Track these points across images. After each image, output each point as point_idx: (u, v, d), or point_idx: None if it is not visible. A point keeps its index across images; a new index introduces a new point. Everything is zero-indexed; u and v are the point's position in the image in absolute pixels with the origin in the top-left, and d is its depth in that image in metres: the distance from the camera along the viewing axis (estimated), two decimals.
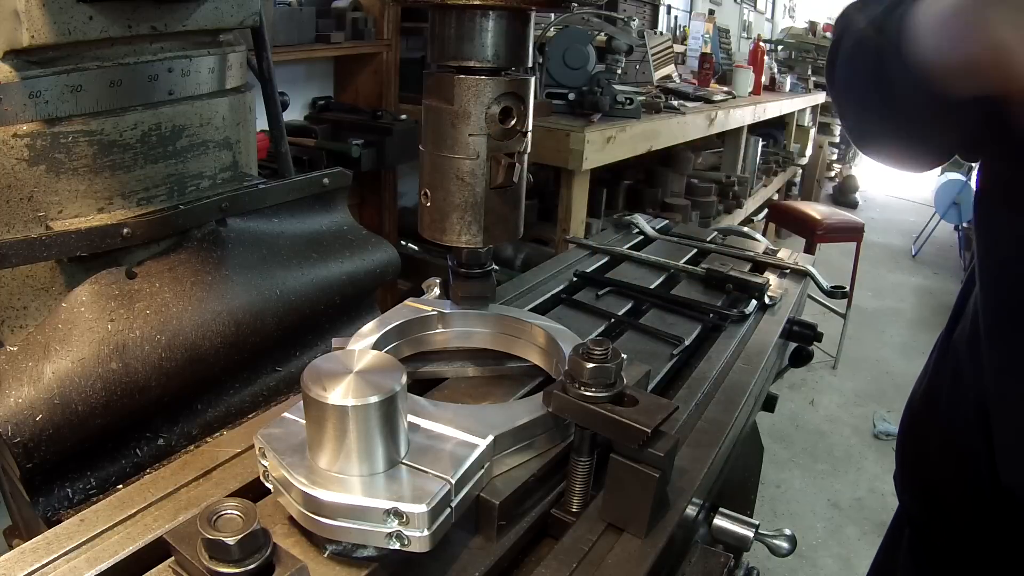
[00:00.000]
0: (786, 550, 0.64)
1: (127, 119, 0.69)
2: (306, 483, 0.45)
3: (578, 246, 1.22)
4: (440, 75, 0.53)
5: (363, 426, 0.45)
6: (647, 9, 4.94)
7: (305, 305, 0.80)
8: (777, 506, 2.96)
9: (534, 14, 0.55)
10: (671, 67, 4.26)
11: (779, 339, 0.95)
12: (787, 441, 3.42)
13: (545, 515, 0.55)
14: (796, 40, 6.25)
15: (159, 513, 0.52)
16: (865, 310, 4.90)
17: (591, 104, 2.85)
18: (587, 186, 2.73)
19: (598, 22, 3.09)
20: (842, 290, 1.12)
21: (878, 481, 3.16)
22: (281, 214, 0.84)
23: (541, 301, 0.96)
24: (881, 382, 4.06)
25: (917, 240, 6.49)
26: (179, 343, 0.67)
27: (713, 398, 0.74)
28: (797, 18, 9.80)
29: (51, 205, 0.67)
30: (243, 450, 0.60)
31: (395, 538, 0.44)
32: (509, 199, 0.57)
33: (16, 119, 0.62)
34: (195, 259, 0.73)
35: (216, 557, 0.39)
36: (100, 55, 0.67)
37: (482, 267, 0.71)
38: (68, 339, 0.62)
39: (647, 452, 0.49)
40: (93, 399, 0.61)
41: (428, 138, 0.55)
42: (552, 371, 0.68)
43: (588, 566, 0.49)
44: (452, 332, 0.73)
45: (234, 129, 0.82)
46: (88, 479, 0.63)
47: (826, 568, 2.65)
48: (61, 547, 0.48)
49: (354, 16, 2.90)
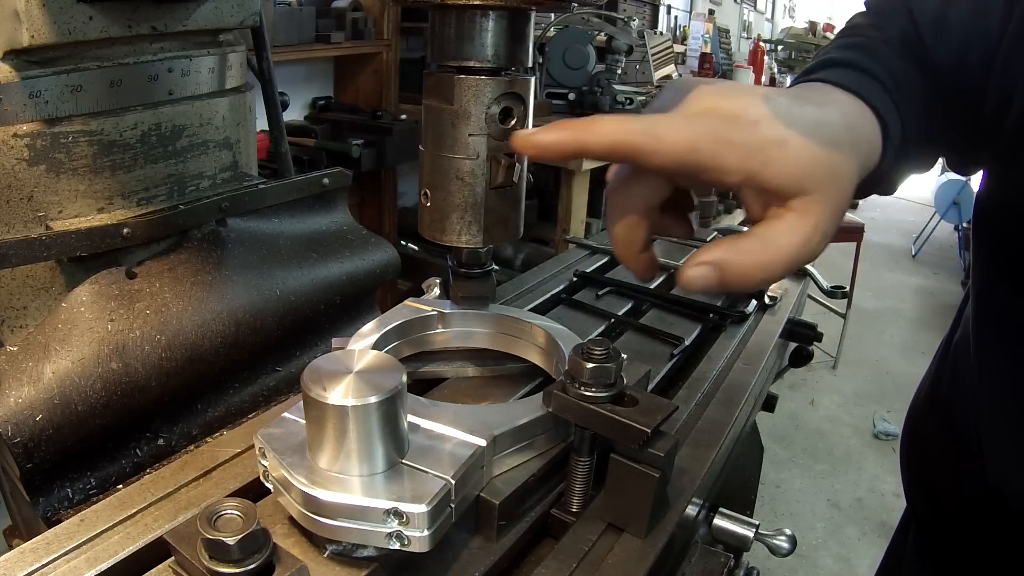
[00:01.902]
0: (786, 550, 0.64)
1: (127, 119, 0.69)
2: (306, 483, 0.45)
3: (578, 246, 1.22)
4: (440, 75, 0.53)
5: (363, 426, 0.45)
6: (647, 9, 4.94)
7: (305, 305, 0.80)
8: (777, 506, 2.96)
9: (534, 14, 0.55)
10: (671, 67, 4.26)
11: (779, 339, 0.95)
12: (787, 441, 3.42)
13: (545, 515, 0.55)
14: (796, 40, 6.25)
15: (159, 513, 0.52)
16: (865, 310, 4.90)
17: (591, 104, 2.85)
18: (587, 186, 2.73)
19: (598, 22, 3.09)
20: (842, 290, 1.12)
21: (878, 481, 3.16)
22: (281, 214, 0.84)
23: (541, 301, 0.96)
24: (881, 382, 4.06)
25: (917, 240, 6.49)
26: (179, 343, 0.67)
27: (713, 398, 0.74)
28: (797, 18, 9.80)
29: (51, 205, 0.67)
30: (243, 450, 0.60)
31: (395, 538, 0.44)
32: (509, 199, 0.57)
33: (16, 119, 0.62)
34: (195, 259, 0.73)
35: (216, 557, 0.39)
36: (100, 55, 0.67)
37: (482, 267, 0.71)
38: (68, 339, 0.62)
39: (647, 452, 0.49)
40: (93, 399, 0.61)
41: (428, 138, 0.55)
42: (552, 371, 0.68)
43: (588, 566, 0.49)
44: (452, 332, 0.73)
45: (234, 129, 0.82)
46: (88, 479, 0.63)
47: (826, 568, 2.65)
48: (61, 547, 0.48)
49: (354, 16, 2.90)
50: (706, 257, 0.46)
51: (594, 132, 0.45)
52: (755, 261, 0.46)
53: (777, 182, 0.45)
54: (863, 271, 4.42)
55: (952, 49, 0.60)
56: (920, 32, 0.62)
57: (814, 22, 6.72)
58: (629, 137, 0.44)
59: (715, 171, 0.44)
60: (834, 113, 0.51)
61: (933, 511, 0.81)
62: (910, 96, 0.59)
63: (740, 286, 0.46)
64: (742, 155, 0.44)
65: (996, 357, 0.68)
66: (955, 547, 0.77)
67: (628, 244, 0.51)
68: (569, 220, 2.69)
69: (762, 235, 0.46)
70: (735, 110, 0.46)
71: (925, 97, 0.61)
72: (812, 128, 0.46)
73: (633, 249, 0.51)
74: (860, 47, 0.62)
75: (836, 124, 0.49)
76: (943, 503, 0.78)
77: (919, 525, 0.86)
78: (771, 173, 0.44)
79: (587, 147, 0.46)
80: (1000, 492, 0.66)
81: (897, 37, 0.63)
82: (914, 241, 6.54)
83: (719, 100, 0.47)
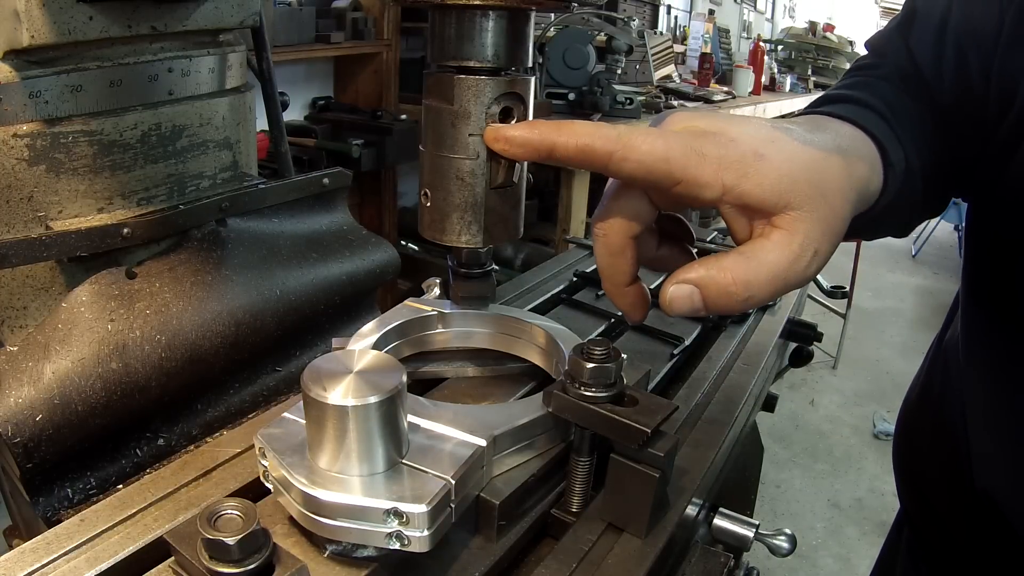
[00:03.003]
0: (786, 550, 0.64)
1: (127, 119, 0.69)
2: (306, 483, 0.45)
3: (578, 246, 1.22)
4: (440, 75, 0.53)
5: (363, 426, 0.45)
6: (647, 9, 4.94)
7: (305, 305, 0.80)
8: (777, 506, 2.96)
9: (534, 14, 0.55)
10: (671, 67, 4.27)
11: (779, 339, 0.95)
12: (787, 441, 3.42)
13: (545, 515, 0.55)
14: (796, 40, 6.25)
15: (159, 513, 0.52)
16: (865, 310, 4.90)
17: (591, 104, 2.85)
18: (587, 186, 2.73)
19: (598, 22, 3.09)
20: (842, 290, 1.13)
21: (878, 481, 3.16)
22: (281, 214, 0.84)
23: (541, 301, 0.96)
24: (881, 382, 4.06)
25: (917, 240, 6.49)
26: (179, 343, 0.67)
27: (713, 398, 0.74)
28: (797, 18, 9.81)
29: (51, 205, 0.67)
30: (243, 450, 0.60)
31: (395, 538, 0.44)
32: (509, 199, 0.57)
33: (16, 119, 0.62)
34: (195, 259, 0.73)
35: (216, 557, 0.39)
36: (100, 55, 0.67)
37: (482, 267, 0.71)
38: (68, 339, 0.62)
39: (647, 452, 0.49)
40: (93, 399, 0.61)
41: (428, 138, 0.55)
42: (552, 371, 0.68)
43: (588, 566, 0.49)
44: (452, 332, 0.73)
45: (234, 129, 0.82)
46: (88, 479, 0.63)
47: (826, 568, 2.65)
48: (61, 547, 0.48)
49: (354, 16, 2.90)
50: (687, 275, 0.45)
51: (565, 133, 0.45)
52: (737, 278, 0.43)
53: (758, 194, 0.43)
54: (863, 271, 4.43)
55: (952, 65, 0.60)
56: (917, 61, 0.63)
57: (814, 22, 6.71)
58: (600, 142, 0.43)
59: (688, 183, 0.43)
60: (828, 136, 0.49)
61: (924, 510, 0.81)
62: (911, 128, 0.58)
63: (723, 306, 0.44)
64: (716, 167, 0.43)
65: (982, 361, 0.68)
66: (946, 547, 0.78)
67: (613, 275, 0.50)
68: (569, 220, 2.69)
69: (745, 251, 0.44)
70: (713, 128, 0.45)
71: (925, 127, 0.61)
72: (797, 146, 0.45)
73: (619, 281, 0.50)
74: (858, 85, 0.63)
75: (827, 143, 0.47)
76: (933, 502, 0.78)
77: (911, 526, 0.87)
78: (749, 186, 0.42)
79: (557, 147, 0.45)
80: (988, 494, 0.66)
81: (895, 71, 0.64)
82: (914, 241, 6.54)
83: (697, 120, 0.46)
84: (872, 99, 0.58)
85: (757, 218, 0.45)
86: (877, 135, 0.53)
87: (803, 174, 0.43)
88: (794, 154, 0.44)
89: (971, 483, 0.68)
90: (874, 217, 0.53)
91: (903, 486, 0.86)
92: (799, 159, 0.44)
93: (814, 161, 0.44)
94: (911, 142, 0.57)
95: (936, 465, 0.77)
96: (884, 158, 0.53)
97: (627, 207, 0.48)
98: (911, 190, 0.58)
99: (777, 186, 0.43)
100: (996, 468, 0.66)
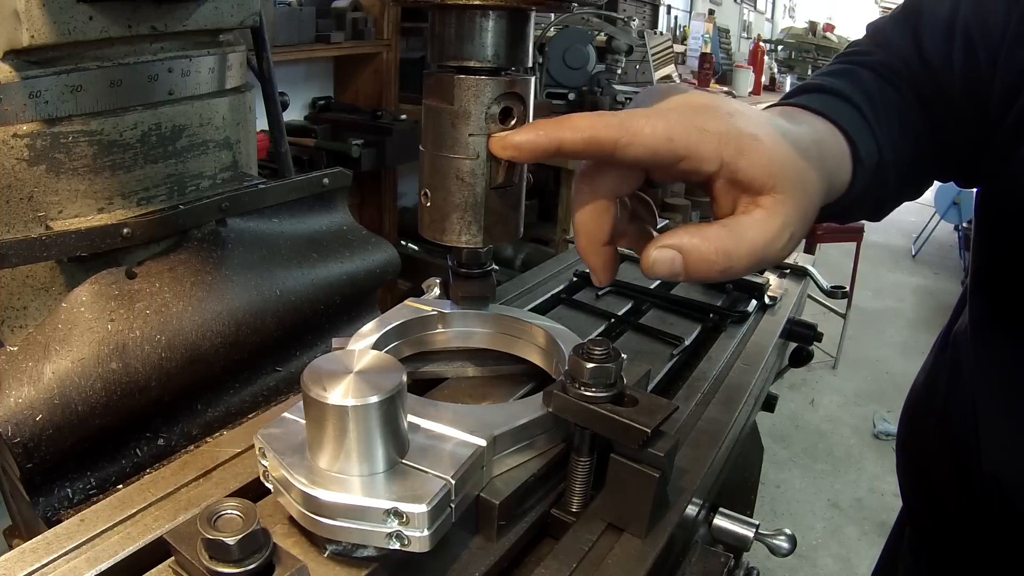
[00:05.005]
0: (786, 550, 0.64)
1: (127, 119, 0.69)
2: (306, 483, 0.45)
3: None
4: (440, 75, 0.53)
5: (363, 426, 0.45)
6: (647, 9, 4.95)
7: (305, 305, 0.80)
8: (777, 506, 2.96)
9: (534, 14, 0.55)
10: (671, 67, 4.27)
11: (779, 339, 0.95)
12: (787, 441, 3.42)
13: (545, 515, 0.55)
14: (796, 40, 6.25)
15: (159, 513, 0.52)
16: (865, 310, 4.90)
17: (591, 104, 2.85)
18: None
19: (598, 22, 3.09)
20: (842, 290, 1.12)
21: (878, 481, 3.16)
22: (281, 214, 0.84)
23: (541, 301, 0.96)
24: (881, 382, 4.06)
25: (917, 240, 6.49)
26: (179, 343, 0.67)
27: (713, 398, 0.74)
28: (797, 18, 9.81)
29: (51, 205, 0.67)
30: (243, 450, 0.60)
31: (395, 538, 0.44)
32: (509, 199, 0.57)
33: (16, 119, 0.62)
34: (195, 259, 0.73)
35: (216, 557, 0.39)
36: (100, 55, 0.67)
37: (482, 267, 0.71)
38: (68, 339, 0.62)
39: (647, 452, 0.49)
40: (93, 399, 0.61)
41: (428, 138, 0.55)
42: (552, 371, 0.68)
43: (588, 566, 0.49)
44: (452, 332, 0.73)
45: (234, 129, 0.82)
46: (88, 479, 0.63)
47: (826, 568, 2.65)
48: (61, 547, 0.48)
49: (354, 16, 2.90)
50: (671, 240, 0.46)
51: (569, 128, 0.45)
52: (720, 249, 0.45)
53: (751, 172, 0.45)
54: (863, 271, 4.43)
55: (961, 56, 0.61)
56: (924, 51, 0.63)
57: (814, 22, 6.72)
58: (605, 131, 0.44)
59: (692, 159, 0.44)
60: (804, 129, 0.52)
61: (929, 506, 0.81)
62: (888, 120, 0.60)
63: (701, 274, 0.46)
64: (717, 142, 0.44)
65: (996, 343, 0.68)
66: (950, 543, 0.77)
67: (591, 233, 0.50)
68: (569, 220, 2.69)
69: (729, 224, 0.46)
70: (708, 103, 0.47)
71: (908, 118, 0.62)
72: (783, 132, 0.47)
73: (596, 240, 0.50)
74: (841, 73, 0.64)
75: (805, 137, 0.50)
76: (940, 496, 0.78)
77: (915, 524, 0.87)
78: (745, 163, 0.44)
79: (564, 144, 0.46)
80: (997, 480, 0.66)
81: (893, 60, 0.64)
82: (914, 241, 6.54)
83: (691, 97, 0.48)
84: (851, 90, 0.60)
85: (743, 195, 0.46)
86: (848, 130, 0.56)
87: (789, 160, 0.46)
88: (781, 140, 0.46)
89: (979, 473, 0.68)
90: (845, 206, 0.57)
91: (908, 482, 0.86)
92: (785, 146, 0.46)
93: (797, 150, 0.47)
94: (887, 135, 0.59)
95: (943, 457, 0.77)
96: (854, 153, 0.55)
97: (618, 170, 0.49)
98: (881, 184, 0.60)
99: (768, 168, 0.45)
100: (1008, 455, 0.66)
